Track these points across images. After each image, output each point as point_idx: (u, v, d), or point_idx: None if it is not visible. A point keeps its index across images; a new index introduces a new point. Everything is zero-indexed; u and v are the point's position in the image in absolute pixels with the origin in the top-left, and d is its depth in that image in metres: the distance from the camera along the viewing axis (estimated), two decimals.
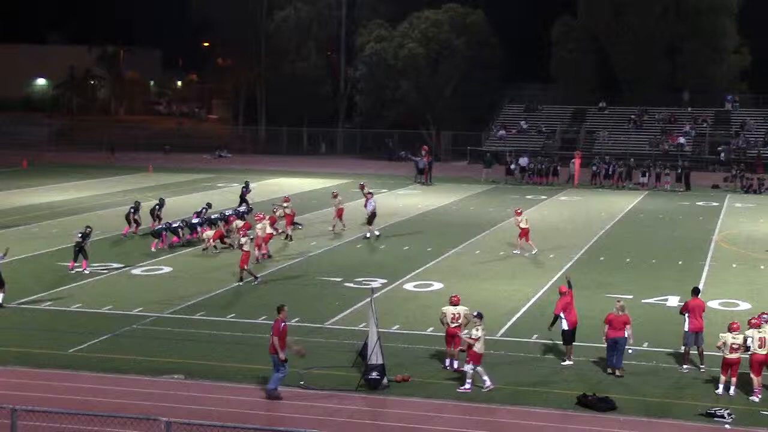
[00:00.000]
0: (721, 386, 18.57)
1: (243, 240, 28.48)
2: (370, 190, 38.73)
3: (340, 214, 37.36)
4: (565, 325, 20.48)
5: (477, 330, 18.70)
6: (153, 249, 32.84)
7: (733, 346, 18.42)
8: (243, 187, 42.00)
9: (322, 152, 78.79)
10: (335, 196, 37.83)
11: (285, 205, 35.88)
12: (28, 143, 78.80)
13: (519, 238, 33.05)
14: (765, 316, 19.21)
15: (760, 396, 18.29)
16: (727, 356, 18.48)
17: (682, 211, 45.28)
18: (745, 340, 18.45)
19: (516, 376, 19.50)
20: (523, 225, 32.79)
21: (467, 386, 18.59)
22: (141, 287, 27.78)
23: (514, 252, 33.04)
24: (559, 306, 20.65)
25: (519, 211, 33.94)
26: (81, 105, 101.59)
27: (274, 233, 32.96)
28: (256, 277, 28.09)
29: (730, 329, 18.64)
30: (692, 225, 40.92)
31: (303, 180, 57.52)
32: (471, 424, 17.18)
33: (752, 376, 18.42)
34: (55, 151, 74.19)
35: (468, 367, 18.62)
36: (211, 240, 32.49)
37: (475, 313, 19.39)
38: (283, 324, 18.23)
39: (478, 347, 18.57)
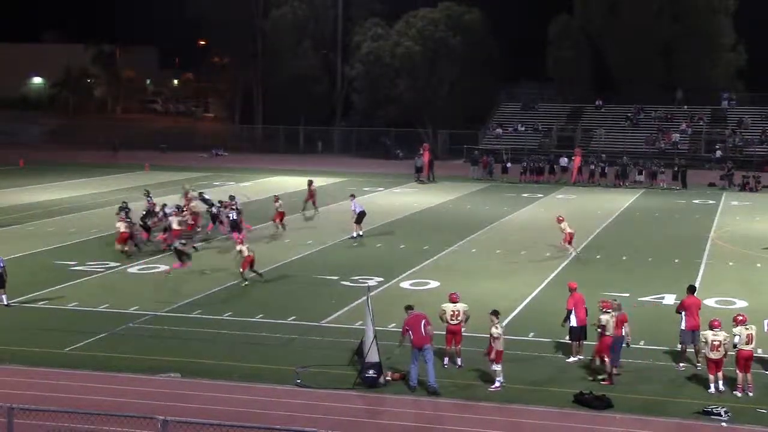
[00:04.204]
0: (712, 386, 18.57)
1: (239, 248, 28.26)
2: (352, 193, 38.85)
3: (280, 217, 36.65)
4: (573, 322, 20.52)
5: (496, 328, 18.70)
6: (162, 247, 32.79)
7: (714, 343, 18.39)
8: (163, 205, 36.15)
9: (318, 151, 78.74)
10: (276, 200, 37.33)
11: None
12: (25, 142, 78.78)
13: (563, 242, 32.46)
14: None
15: (743, 392, 18.30)
16: (709, 355, 18.46)
17: (678, 210, 45.30)
18: (731, 337, 18.43)
19: (513, 375, 19.44)
20: (568, 230, 32.18)
21: (497, 385, 18.58)
22: (137, 286, 27.77)
23: (570, 254, 32.22)
24: (570, 302, 20.70)
25: (560, 218, 33.02)
26: (77, 104, 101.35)
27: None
28: (245, 280, 27.90)
29: (711, 327, 18.58)
30: (688, 223, 40.94)
31: (299, 179, 57.37)
32: (467, 422, 17.18)
33: (738, 372, 18.42)
34: (52, 150, 74.07)
35: (495, 366, 18.63)
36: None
37: (491, 311, 19.34)
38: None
39: (498, 345, 18.58)
